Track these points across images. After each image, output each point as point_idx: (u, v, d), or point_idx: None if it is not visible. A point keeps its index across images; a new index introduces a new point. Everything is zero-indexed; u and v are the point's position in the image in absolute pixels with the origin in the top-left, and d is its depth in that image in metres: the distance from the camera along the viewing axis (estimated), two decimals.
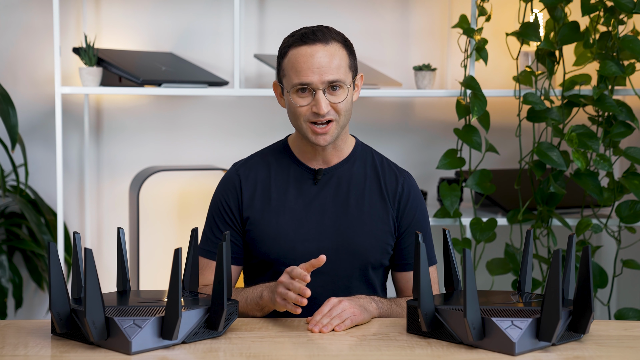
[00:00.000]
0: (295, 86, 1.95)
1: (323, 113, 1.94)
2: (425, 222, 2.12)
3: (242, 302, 1.97)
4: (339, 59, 1.96)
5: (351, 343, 1.73)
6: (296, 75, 1.95)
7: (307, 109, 1.96)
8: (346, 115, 1.99)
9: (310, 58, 1.94)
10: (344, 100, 1.96)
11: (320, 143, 1.98)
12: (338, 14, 3.46)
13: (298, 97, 1.96)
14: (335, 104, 1.96)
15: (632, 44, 2.89)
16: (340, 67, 1.95)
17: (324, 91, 1.94)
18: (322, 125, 1.97)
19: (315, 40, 1.94)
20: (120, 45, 3.42)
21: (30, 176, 3.40)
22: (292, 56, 1.96)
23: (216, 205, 2.10)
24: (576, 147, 2.91)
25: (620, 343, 1.75)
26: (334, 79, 1.94)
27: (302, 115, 1.97)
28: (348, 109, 1.99)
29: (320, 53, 1.94)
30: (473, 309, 1.63)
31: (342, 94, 1.96)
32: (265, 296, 1.91)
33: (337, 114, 1.97)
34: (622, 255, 3.29)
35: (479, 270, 3.46)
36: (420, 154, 3.54)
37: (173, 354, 1.64)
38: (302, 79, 1.94)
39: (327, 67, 1.93)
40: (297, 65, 1.95)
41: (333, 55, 1.95)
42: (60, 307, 1.66)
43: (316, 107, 1.94)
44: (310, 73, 1.93)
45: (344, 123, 2.00)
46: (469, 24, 3.07)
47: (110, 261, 3.48)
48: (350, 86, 1.99)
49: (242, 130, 3.51)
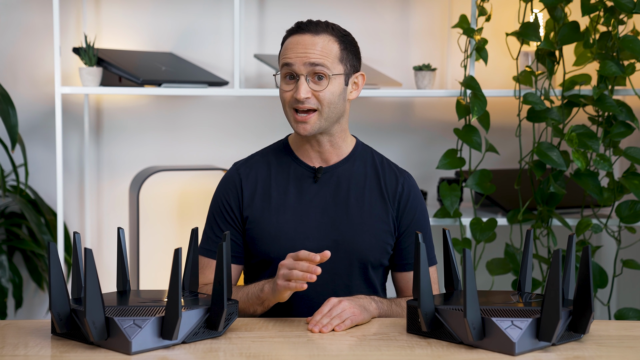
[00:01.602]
0: (282, 69, 2.00)
1: (301, 98, 1.96)
2: (425, 222, 2.12)
3: (244, 298, 1.97)
4: (327, 48, 1.99)
5: (351, 343, 1.73)
6: (282, 58, 2.01)
7: (290, 94, 1.99)
8: (330, 108, 1.99)
9: (297, 44, 1.99)
10: (326, 89, 1.97)
11: (300, 132, 2.00)
12: (338, 14, 3.46)
13: (284, 84, 2.01)
14: (317, 92, 1.97)
15: (632, 44, 2.89)
16: (326, 55, 1.98)
17: (306, 78, 1.97)
18: (304, 113, 1.98)
19: (306, 30, 2.00)
20: (120, 45, 3.42)
21: (30, 176, 3.40)
22: (285, 42, 2.03)
23: (217, 204, 2.10)
24: (576, 147, 2.91)
25: (620, 343, 1.75)
26: (316, 62, 1.96)
27: (287, 101, 2.00)
28: (332, 101, 1.99)
29: (308, 40, 1.99)
30: (473, 309, 1.63)
31: (325, 83, 1.98)
32: (266, 289, 1.91)
33: (319, 103, 1.98)
34: (622, 255, 3.29)
35: (479, 270, 3.46)
36: (420, 154, 3.54)
37: (173, 354, 1.64)
38: (285, 59, 1.99)
39: (311, 51, 1.97)
40: (285, 50, 2.01)
41: (321, 43, 1.99)
42: (60, 307, 1.66)
43: (296, 92, 1.97)
44: (293, 55, 1.98)
45: (328, 115, 2.00)
46: (469, 24, 3.07)
47: (110, 261, 3.48)
48: (336, 78, 1.99)
49: (242, 130, 3.51)
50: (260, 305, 1.95)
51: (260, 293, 1.93)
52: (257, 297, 1.94)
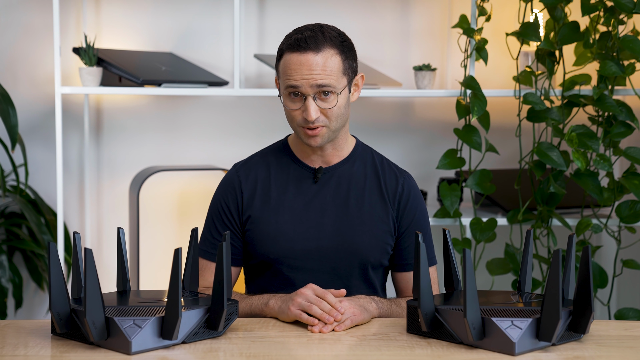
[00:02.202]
0: (287, 89, 1.98)
1: (312, 119, 1.95)
2: (425, 222, 2.12)
3: (246, 309, 1.97)
4: (330, 66, 1.96)
5: (351, 343, 1.73)
6: (287, 79, 1.97)
7: (299, 113, 1.98)
8: (338, 120, 1.99)
9: (300, 65, 1.95)
10: (334, 106, 1.97)
11: (311, 144, 2.01)
12: (338, 14, 3.46)
13: (290, 102, 1.99)
14: (326, 110, 1.97)
15: (632, 44, 2.89)
16: (331, 74, 1.96)
17: (314, 97, 1.95)
18: (313, 129, 1.98)
19: (307, 49, 1.95)
20: (120, 45, 3.42)
21: (30, 176, 3.40)
22: (285, 61, 1.98)
23: (216, 206, 2.10)
24: (576, 147, 2.91)
25: (620, 343, 1.75)
26: (323, 83, 1.95)
27: (295, 119, 1.99)
28: (340, 114, 1.99)
29: (311, 60, 1.95)
30: (473, 309, 1.63)
31: (333, 100, 1.97)
32: (271, 304, 1.91)
33: (327, 120, 1.98)
34: (622, 255, 3.29)
35: (479, 270, 3.46)
36: (420, 154, 3.54)
37: (173, 354, 1.64)
38: (291, 82, 1.96)
39: (317, 73, 1.94)
40: (287, 70, 1.97)
41: (324, 61, 1.95)
42: (60, 307, 1.66)
43: (305, 114, 1.96)
44: (300, 78, 1.95)
45: (336, 127, 2.01)
46: (469, 24, 3.07)
47: (110, 261, 3.48)
48: (342, 92, 1.98)
49: (242, 130, 3.51)
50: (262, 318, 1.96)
51: (264, 307, 1.94)
52: (260, 310, 1.95)
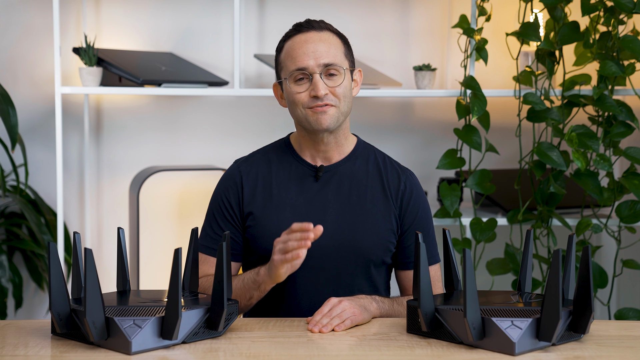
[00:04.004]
0: (292, 73, 1.98)
1: (321, 95, 1.96)
2: (427, 220, 2.12)
3: (239, 285, 1.97)
4: (334, 45, 2.00)
5: (351, 343, 1.73)
6: (292, 62, 1.98)
7: (305, 95, 1.98)
8: (345, 102, 2.00)
9: (305, 44, 1.98)
10: (341, 85, 1.98)
11: (322, 123, 1.98)
12: (338, 14, 3.46)
13: (296, 85, 1.99)
14: (333, 88, 1.98)
15: (632, 44, 2.89)
16: (336, 54, 1.99)
17: (320, 75, 1.97)
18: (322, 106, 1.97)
19: (309, 28, 2.00)
20: (120, 45, 3.42)
21: (30, 176, 3.40)
22: (288, 46, 2.01)
23: (216, 201, 2.10)
24: (576, 147, 2.91)
25: (620, 343, 1.75)
26: (329, 62, 1.97)
27: (301, 102, 1.99)
28: (347, 95, 2.00)
29: (315, 38, 1.99)
30: (473, 309, 1.63)
31: (339, 79, 1.99)
32: (262, 271, 1.92)
33: (336, 99, 1.99)
34: (622, 255, 3.29)
35: (479, 270, 3.46)
36: (420, 154, 3.54)
37: (173, 354, 1.64)
38: (298, 64, 1.97)
39: (322, 51, 1.98)
40: (292, 52, 1.99)
41: (327, 40, 2.00)
42: (60, 307, 1.66)
43: (314, 90, 1.96)
44: (306, 57, 1.97)
45: (344, 110, 2.01)
46: (469, 24, 3.07)
47: (110, 261, 3.48)
48: (347, 71, 2.01)
49: (242, 130, 3.51)
50: (257, 290, 1.94)
51: (256, 277, 1.93)
52: (253, 281, 1.94)
